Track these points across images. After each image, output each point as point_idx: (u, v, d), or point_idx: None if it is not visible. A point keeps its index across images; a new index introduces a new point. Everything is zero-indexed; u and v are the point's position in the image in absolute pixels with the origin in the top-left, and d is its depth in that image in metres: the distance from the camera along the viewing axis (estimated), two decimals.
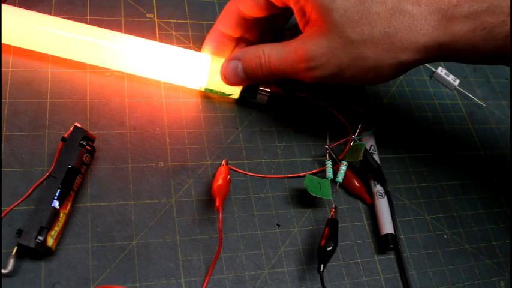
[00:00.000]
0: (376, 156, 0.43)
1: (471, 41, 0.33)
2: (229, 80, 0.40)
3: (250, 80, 0.40)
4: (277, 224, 0.39)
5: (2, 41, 0.38)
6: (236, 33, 0.42)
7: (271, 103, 0.42)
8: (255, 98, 0.42)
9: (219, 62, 0.40)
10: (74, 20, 0.43)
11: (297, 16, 0.38)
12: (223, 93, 0.41)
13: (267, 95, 0.41)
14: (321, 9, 0.35)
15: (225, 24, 0.41)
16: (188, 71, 0.40)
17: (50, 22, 0.38)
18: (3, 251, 0.32)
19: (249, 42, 0.43)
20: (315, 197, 0.39)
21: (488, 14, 0.32)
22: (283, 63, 0.37)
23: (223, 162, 0.39)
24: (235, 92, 0.41)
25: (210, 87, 0.41)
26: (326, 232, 0.36)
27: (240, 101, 0.43)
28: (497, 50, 0.33)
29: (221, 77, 0.40)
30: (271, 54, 0.37)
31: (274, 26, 0.44)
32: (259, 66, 0.38)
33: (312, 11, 0.35)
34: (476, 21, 0.32)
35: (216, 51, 0.42)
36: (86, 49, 0.38)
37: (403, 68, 0.35)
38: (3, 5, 0.37)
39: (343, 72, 0.36)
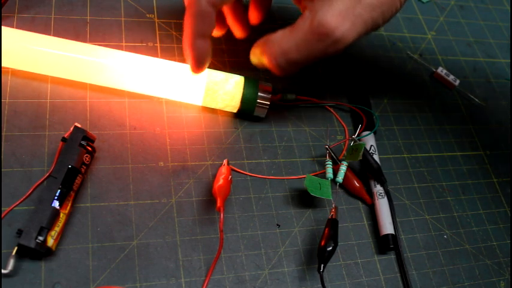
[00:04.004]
0: (376, 156, 0.43)
1: None
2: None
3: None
4: (278, 224, 0.39)
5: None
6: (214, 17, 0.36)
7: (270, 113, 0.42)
8: (253, 112, 0.41)
9: (214, 81, 0.40)
10: (74, 20, 0.43)
11: None
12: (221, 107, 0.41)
13: (266, 108, 0.41)
14: None
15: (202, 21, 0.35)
16: (185, 89, 0.40)
17: (47, 42, 0.37)
18: (3, 251, 0.32)
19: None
20: (315, 197, 0.39)
21: None
22: (305, 51, 0.34)
23: (225, 162, 0.39)
24: (232, 107, 0.41)
25: (206, 105, 0.41)
26: (326, 232, 0.36)
27: (240, 115, 0.42)
28: None
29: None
30: (286, 51, 0.34)
31: None
32: (278, 66, 0.35)
33: None
34: None
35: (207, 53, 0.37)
36: (85, 69, 0.38)
37: None
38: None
39: (371, 26, 0.34)
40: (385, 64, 0.51)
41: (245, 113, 0.41)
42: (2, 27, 0.37)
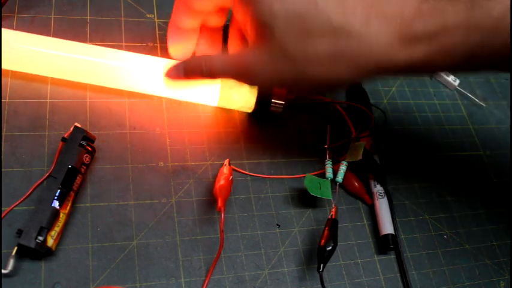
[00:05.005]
0: (376, 156, 0.43)
1: (429, 62, 0.31)
2: (170, 77, 0.38)
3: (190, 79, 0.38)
4: (277, 224, 0.39)
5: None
6: (193, 25, 0.39)
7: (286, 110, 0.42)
8: (268, 110, 0.41)
9: (228, 84, 0.40)
10: (74, 20, 0.43)
11: (241, 25, 0.36)
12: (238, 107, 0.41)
13: (281, 107, 0.41)
14: (262, 26, 0.32)
15: (180, 18, 0.39)
16: (199, 90, 0.40)
17: (46, 44, 0.37)
18: (3, 251, 0.32)
19: (213, 30, 0.41)
20: (315, 197, 0.39)
21: (445, 35, 0.30)
22: (225, 73, 0.36)
23: (226, 162, 0.38)
24: (248, 107, 0.41)
25: (222, 105, 0.41)
26: (326, 232, 0.36)
27: (255, 114, 0.42)
28: (457, 67, 0.32)
29: (163, 78, 0.38)
30: (213, 64, 0.36)
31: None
32: (200, 72, 0.36)
33: (253, 25, 0.33)
34: (433, 43, 0.30)
35: (182, 48, 0.40)
36: (85, 70, 0.38)
37: (353, 83, 0.33)
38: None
39: (287, 86, 0.34)
40: None
41: (261, 111, 0.42)
42: (2, 29, 0.37)
